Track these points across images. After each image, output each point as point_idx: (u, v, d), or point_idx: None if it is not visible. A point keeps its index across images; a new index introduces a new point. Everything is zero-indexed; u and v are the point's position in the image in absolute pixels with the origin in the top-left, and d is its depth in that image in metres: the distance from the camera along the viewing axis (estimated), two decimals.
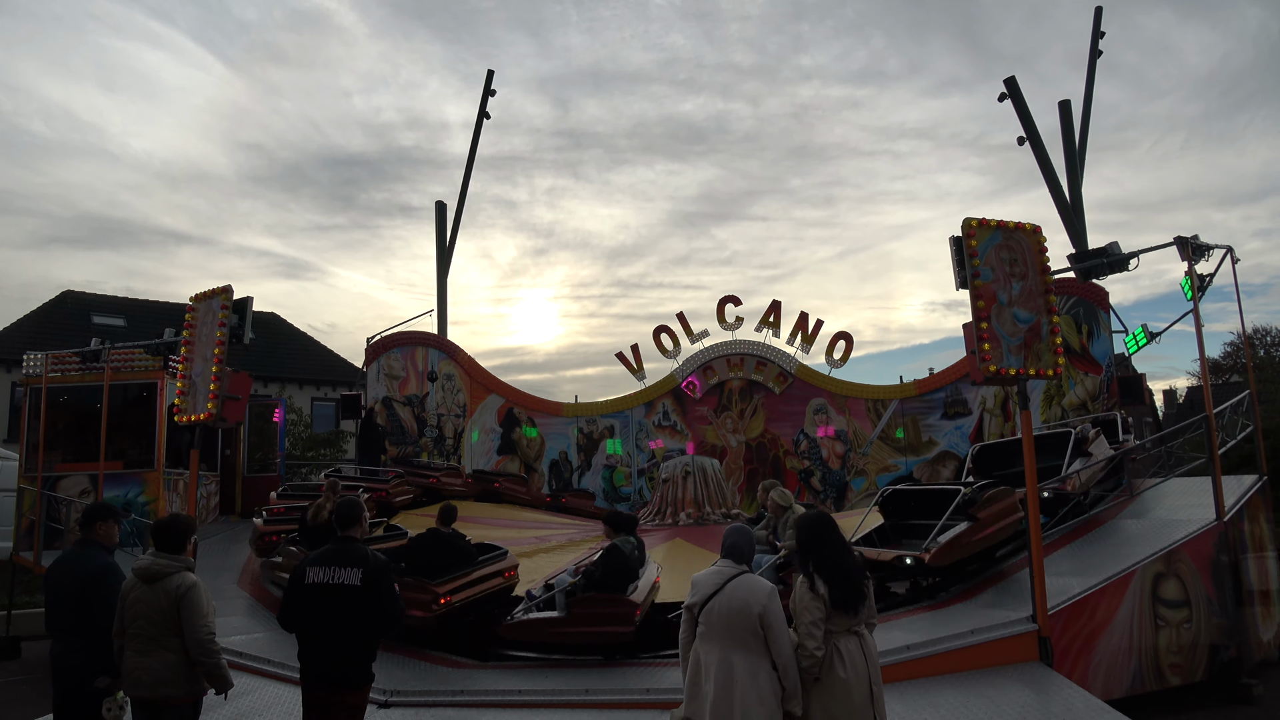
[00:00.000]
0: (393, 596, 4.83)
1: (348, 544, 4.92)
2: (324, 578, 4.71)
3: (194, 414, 8.67)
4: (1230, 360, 31.71)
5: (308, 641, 4.77)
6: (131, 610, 4.85)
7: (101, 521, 5.55)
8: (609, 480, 18.34)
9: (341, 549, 4.88)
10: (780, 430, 17.86)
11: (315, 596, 4.71)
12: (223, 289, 8.77)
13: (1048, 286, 7.65)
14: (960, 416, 16.63)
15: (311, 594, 4.72)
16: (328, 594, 4.69)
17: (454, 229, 21.10)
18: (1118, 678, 7.86)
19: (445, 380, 18.48)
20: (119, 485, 13.51)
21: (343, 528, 5.05)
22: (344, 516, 5.09)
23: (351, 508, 5.14)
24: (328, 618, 4.68)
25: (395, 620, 4.86)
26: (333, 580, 4.69)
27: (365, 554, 4.84)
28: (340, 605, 4.67)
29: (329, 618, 4.68)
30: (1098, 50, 18.93)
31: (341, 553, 4.84)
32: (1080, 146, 18.27)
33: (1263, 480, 10.72)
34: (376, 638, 4.85)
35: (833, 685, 4.04)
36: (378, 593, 4.72)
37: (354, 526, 5.05)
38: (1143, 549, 8.68)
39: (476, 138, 21.40)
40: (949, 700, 6.42)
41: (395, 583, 4.95)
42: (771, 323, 17.91)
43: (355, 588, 4.67)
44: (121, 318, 26.96)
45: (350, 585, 4.68)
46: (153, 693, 4.78)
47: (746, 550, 4.39)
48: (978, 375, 7.47)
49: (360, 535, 5.10)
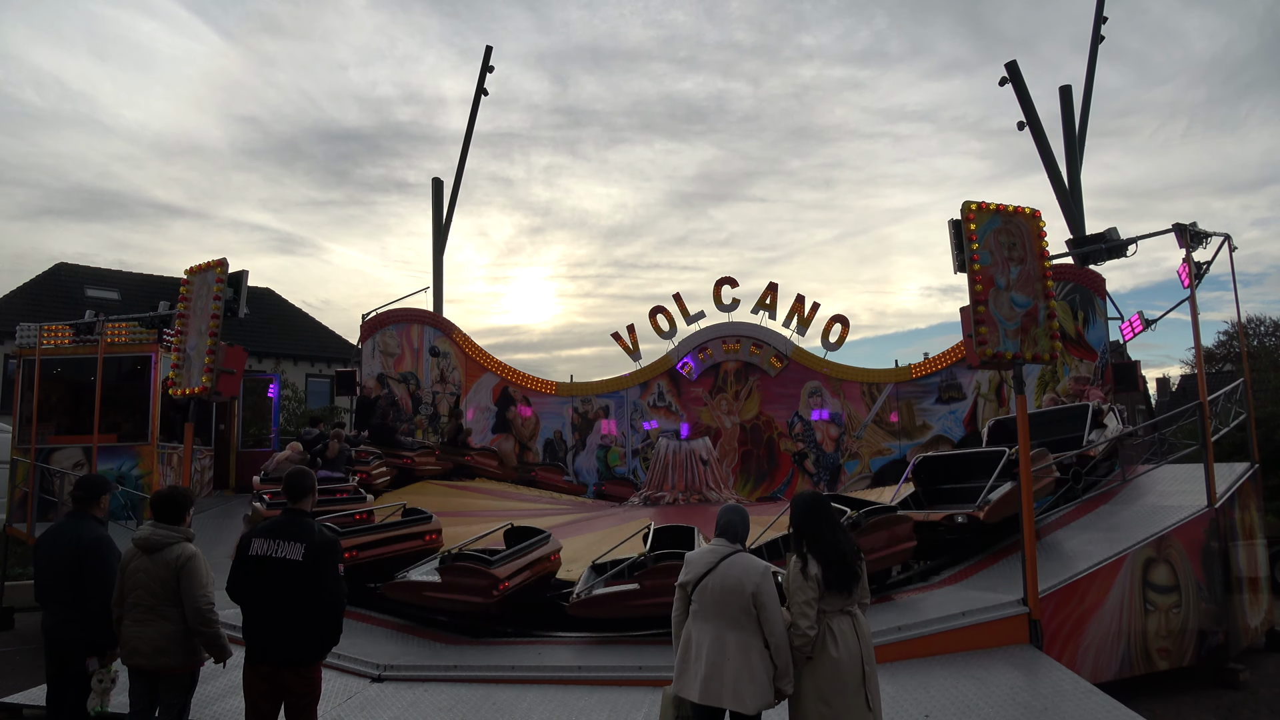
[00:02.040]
0: (334, 578, 4.62)
1: (296, 517, 4.73)
2: (266, 550, 4.54)
3: (188, 387, 8.65)
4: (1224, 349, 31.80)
5: (250, 615, 4.61)
6: (131, 580, 4.86)
7: (96, 493, 5.57)
8: (603, 460, 18.38)
9: (288, 521, 4.69)
10: (775, 412, 17.87)
11: (257, 569, 4.55)
12: (218, 262, 8.72)
13: (1045, 271, 7.65)
14: (955, 401, 16.66)
15: (254, 566, 4.56)
16: (269, 567, 4.52)
17: (450, 206, 21.01)
18: (1107, 661, 7.92)
19: (441, 359, 18.46)
20: (113, 458, 13.49)
21: (292, 500, 4.84)
22: (293, 487, 4.87)
23: (302, 478, 4.91)
24: (268, 592, 4.52)
25: (333, 604, 4.62)
26: (275, 554, 4.52)
27: (311, 529, 4.66)
28: (281, 580, 4.50)
29: (270, 592, 4.52)
30: (1100, 36, 18.83)
31: (287, 525, 4.65)
32: (1080, 133, 18.21)
33: (1254, 468, 10.78)
34: (317, 617, 4.58)
35: (825, 664, 4.06)
36: (319, 571, 4.53)
37: (304, 498, 4.84)
38: (1134, 534, 8.73)
39: (474, 115, 21.27)
40: (939, 681, 6.47)
41: (340, 562, 4.73)
42: (768, 305, 17.89)
43: (297, 563, 4.50)
44: (115, 291, 26.79)
45: (292, 560, 4.51)
46: (151, 662, 4.80)
47: (740, 529, 4.40)
48: (974, 358, 7.48)
49: (310, 508, 4.89)
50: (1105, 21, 18.87)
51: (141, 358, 14.11)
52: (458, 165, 21.08)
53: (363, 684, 6.90)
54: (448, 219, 21.00)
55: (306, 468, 5.22)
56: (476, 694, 6.67)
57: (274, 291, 32.44)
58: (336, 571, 4.64)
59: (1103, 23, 18.84)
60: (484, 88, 21.11)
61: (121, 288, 27.26)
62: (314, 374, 29.05)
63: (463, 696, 6.62)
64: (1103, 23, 18.84)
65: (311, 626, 4.56)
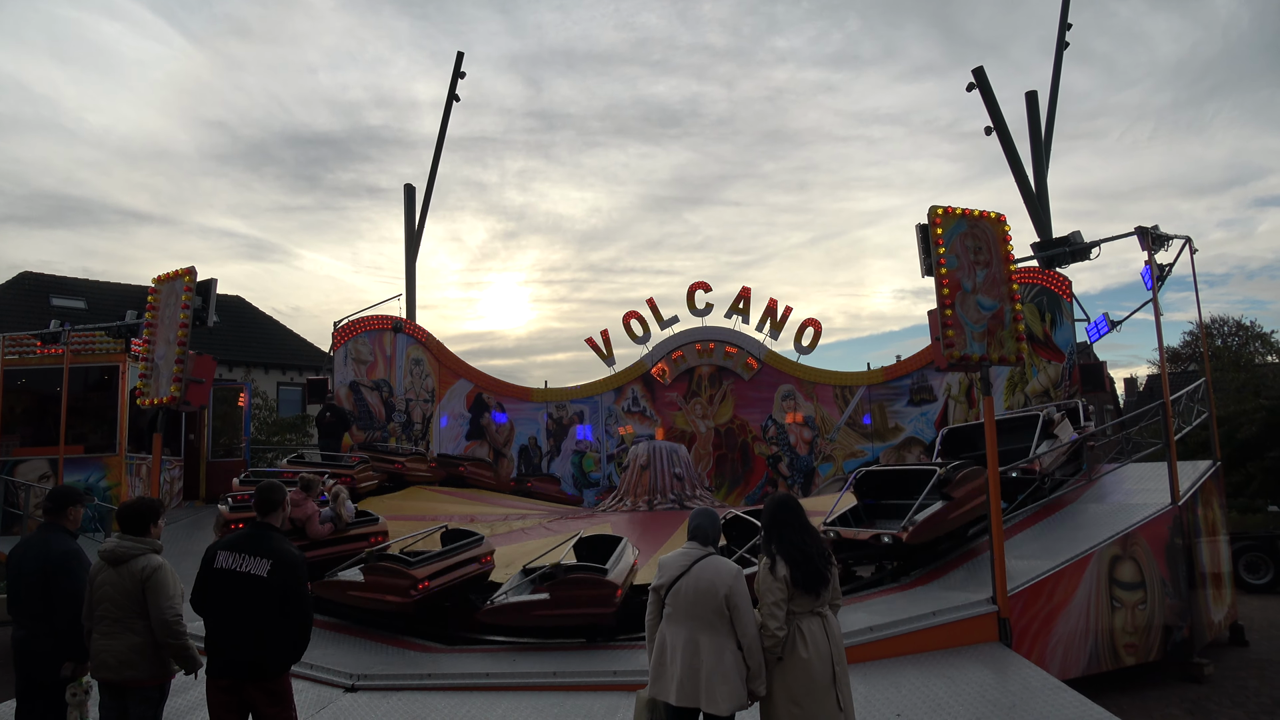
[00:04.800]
0: (300, 595, 4.52)
1: (263, 531, 4.65)
2: (231, 564, 4.47)
3: (157, 397, 8.56)
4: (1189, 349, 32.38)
5: (212, 628, 4.54)
6: (99, 593, 4.82)
7: (73, 506, 5.51)
8: (578, 466, 18.38)
9: (254, 535, 4.62)
10: (749, 416, 17.98)
11: (221, 583, 4.48)
12: (186, 270, 8.65)
13: (1011, 275, 7.78)
14: (926, 403, 16.85)
15: (217, 580, 4.49)
16: (233, 582, 4.44)
17: (423, 211, 20.92)
18: (1074, 658, 8.04)
19: (413, 365, 18.36)
20: (80, 470, 13.28)
21: (261, 513, 4.75)
22: (263, 500, 4.78)
23: (271, 492, 4.82)
24: (232, 607, 4.46)
25: (299, 622, 4.52)
26: (240, 568, 4.44)
27: (278, 546, 4.56)
28: (244, 595, 4.42)
29: (233, 606, 4.45)
30: (1065, 42, 19.13)
31: (253, 539, 4.57)
32: (1046, 137, 18.49)
33: (1217, 466, 10.99)
34: (281, 632, 4.48)
35: (795, 665, 4.11)
36: (285, 588, 4.44)
37: (273, 513, 4.76)
38: (1100, 532, 8.87)
39: (446, 120, 21.20)
40: (911, 680, 6.54)
41: (307, 580, 4.63)
42: (741, 309, 18.00)
43: (261, 579, 4.41)
44: (82, 300, 26.41)
45: (256, 576, 4.42)
46: (117, 675, 4.76)
47: (711, 532, 4.44)
48: (942, 361, 7.59)
49: (280, 524, 4.80)
50: (1070, 28, 19.18)
51: (109, 368, 13.91)
52: (430, 170, 21.01)
53: (336, 694, 6.86)
54: (420, 224, 20.91)
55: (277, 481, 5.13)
56: (451, 702, 6.65)
57: (244, 299, 32.11)
58: (303, 589, 4.57)
59: (1067, 29, 19.14)
60: (456, 95, 21.05)
61: (88, 297, 26.87)
62: (285, 382, 28.78)
63: (437, 705, 6.60)
64: (1067, 29, 19.14)
65: (274, 642, 4.49)
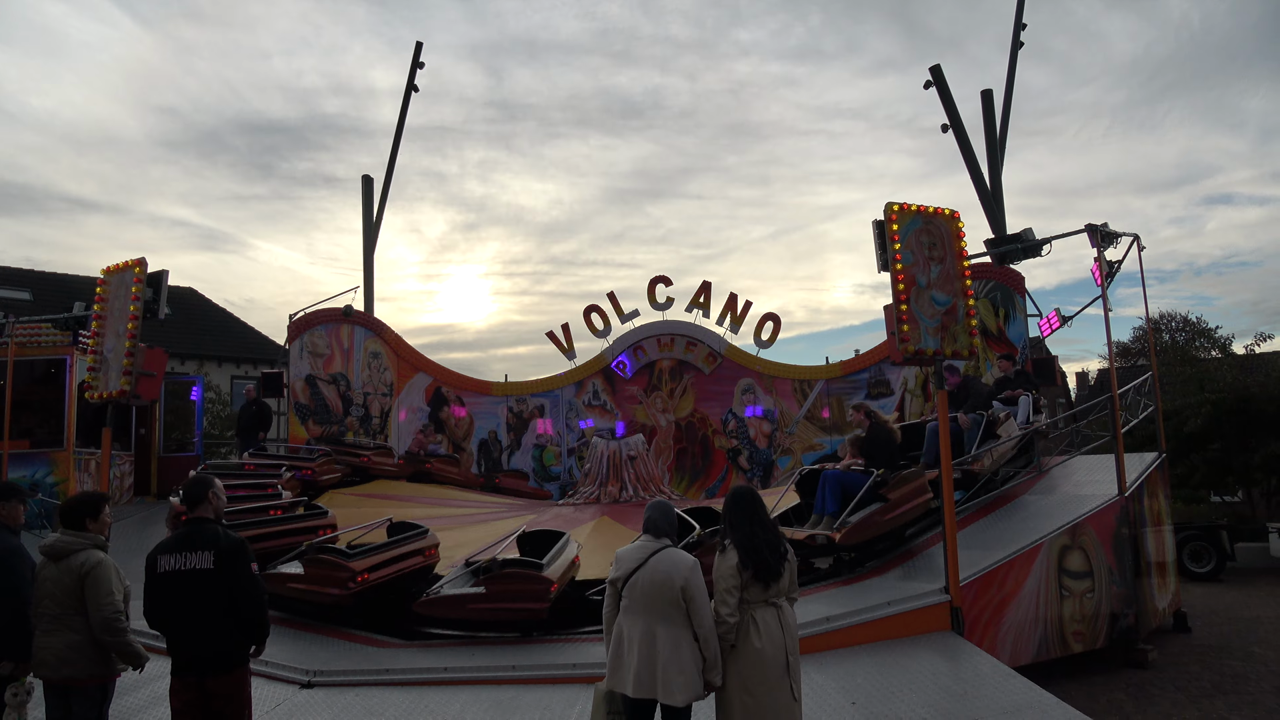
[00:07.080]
0: (249, 577, 4.52)
1: (198, 525, 4.61)
2: (175, 565, 4.43)
3: (106, 391, 8.38)
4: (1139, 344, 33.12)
5: (170, 632, 4.49)
6: (41, 589, 4.74)
7: (4, 501, 5.36)
8: (539, 460, 18.33)
9: (191, 532, 4.57)
10: (709, 410, 18.06)
11: (169, 585, 4.44)
12: (137, 262, 8.47)
13: (964, 270, 7.91)
14: (883, 396, 17.04)
15: (165, 583, 4.45)
16: (180, 581, 4.41)
17: (381, 202, 20.64)
18: (1025, 645, 8.24)
19: (371, 358, 18.16)
20: (25, 465, 12.98)
21: (191, 507, 4.72)
22: (190, 495, 4.74)
23: (197, 485, 4.78)
24: (185, 606, 4.42)
25: (253, 604, 4.53)
26: (184, 566, 4.41)
27: (216, 534, 4.54)
28: (195, 591, 4.40)
29: (186, 606, 4.42)
30: (1019, 42, 19.42)
31: (191, 536, 4.53)
32: (1001, 135, 18.76)
33: (1162, 457, 11.30)
34: (240, 620, 4.51)
35: (748, 654, 4.16)
36: (232, 574, 4.44)
37: (201, 505, 4.70)
38: (1050, 523, 9.08)
39: (405, 110, 20.90)
40: (866, 669, 6.65)
41: (253, 562, 4.61)
42: (702, 303, 18.06)
43: (208, 571, 4.40)
44: (26, 291, 25.68)
45: (202, 569, 4.40)
46: (56, 673, 4.66)
47: (664, 525, 4.47)
48: (897, 356, 7.71)
49: (213, 515, 4.75)
50: (1025, 28, 19.47)
51: (56, 360, 13.59)
52: (388, 161, 20.68)
53: (291, 690, 6.79)
54: (378, 215, 20.60)
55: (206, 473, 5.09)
56: (409, 697, 6.61)
57: (196, 290, 31.50)
58: (250, 571, 4.54)
59: (1022, 29, 19.43)
60: (415, 85, 20.79)
61: (33, 287, 26.13)
62: (239, 375, 28.26)
63: (395, 700, 6.56)
64: (1022, 29, 19.43)
65: (235, 630, 4.49)
